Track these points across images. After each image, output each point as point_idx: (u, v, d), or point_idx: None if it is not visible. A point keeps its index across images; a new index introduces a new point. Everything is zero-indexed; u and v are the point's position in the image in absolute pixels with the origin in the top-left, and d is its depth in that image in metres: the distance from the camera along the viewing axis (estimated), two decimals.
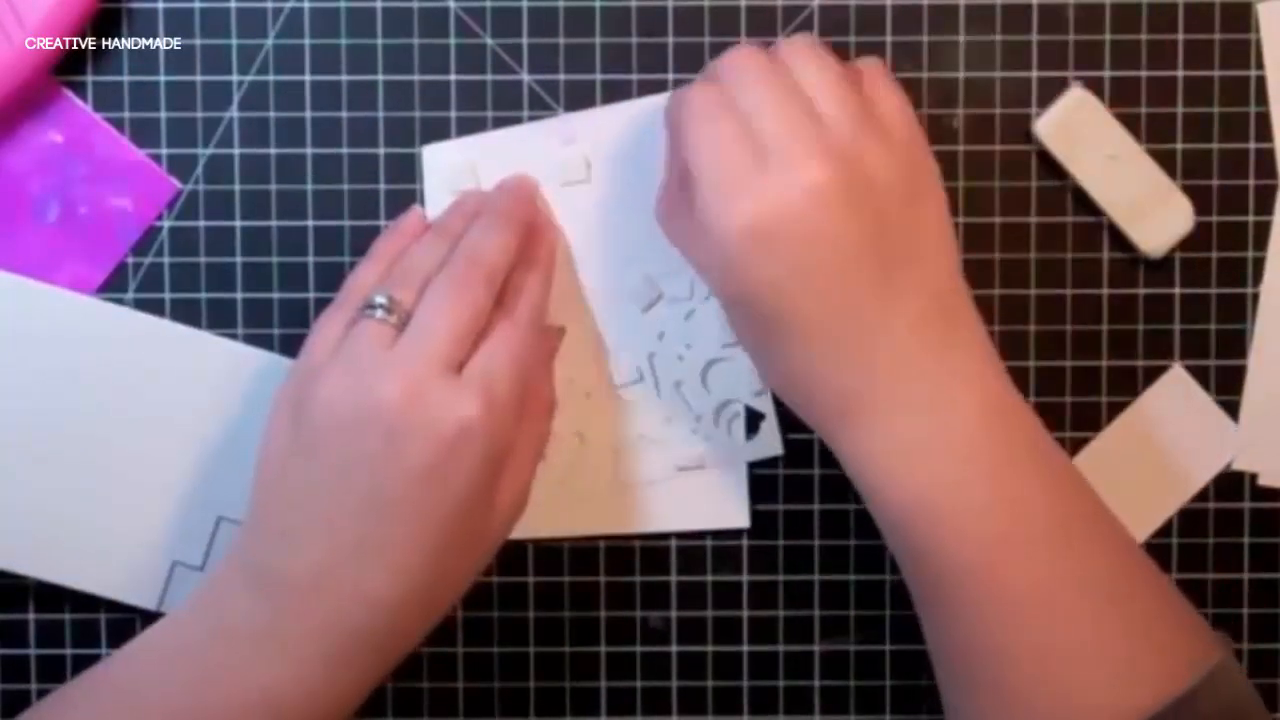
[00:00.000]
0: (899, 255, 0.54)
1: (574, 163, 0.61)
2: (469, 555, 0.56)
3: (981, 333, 0.56)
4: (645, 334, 0.61)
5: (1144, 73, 0.62)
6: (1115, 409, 0.62)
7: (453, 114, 0.61)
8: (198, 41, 0.61)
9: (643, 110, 0.61)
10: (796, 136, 0.53)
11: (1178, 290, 0.62)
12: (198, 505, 0.61)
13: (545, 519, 0.62)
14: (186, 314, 0.61)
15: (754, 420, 0.62)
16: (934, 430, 0.54)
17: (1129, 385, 0.62)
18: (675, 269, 0.60)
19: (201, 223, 0.62)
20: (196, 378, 0.61)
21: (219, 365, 0.61)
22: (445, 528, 0.54)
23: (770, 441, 0.62)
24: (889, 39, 0.61)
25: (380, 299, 0.55)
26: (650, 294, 0.61)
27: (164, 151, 0.61)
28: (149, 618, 0.60)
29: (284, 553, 0.54)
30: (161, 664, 0.55)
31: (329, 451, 0.54)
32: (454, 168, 0.61)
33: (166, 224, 0.62)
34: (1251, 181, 0.62)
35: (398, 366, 0.53)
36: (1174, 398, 0.62)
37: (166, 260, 0.62)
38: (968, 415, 0.54)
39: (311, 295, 0.62)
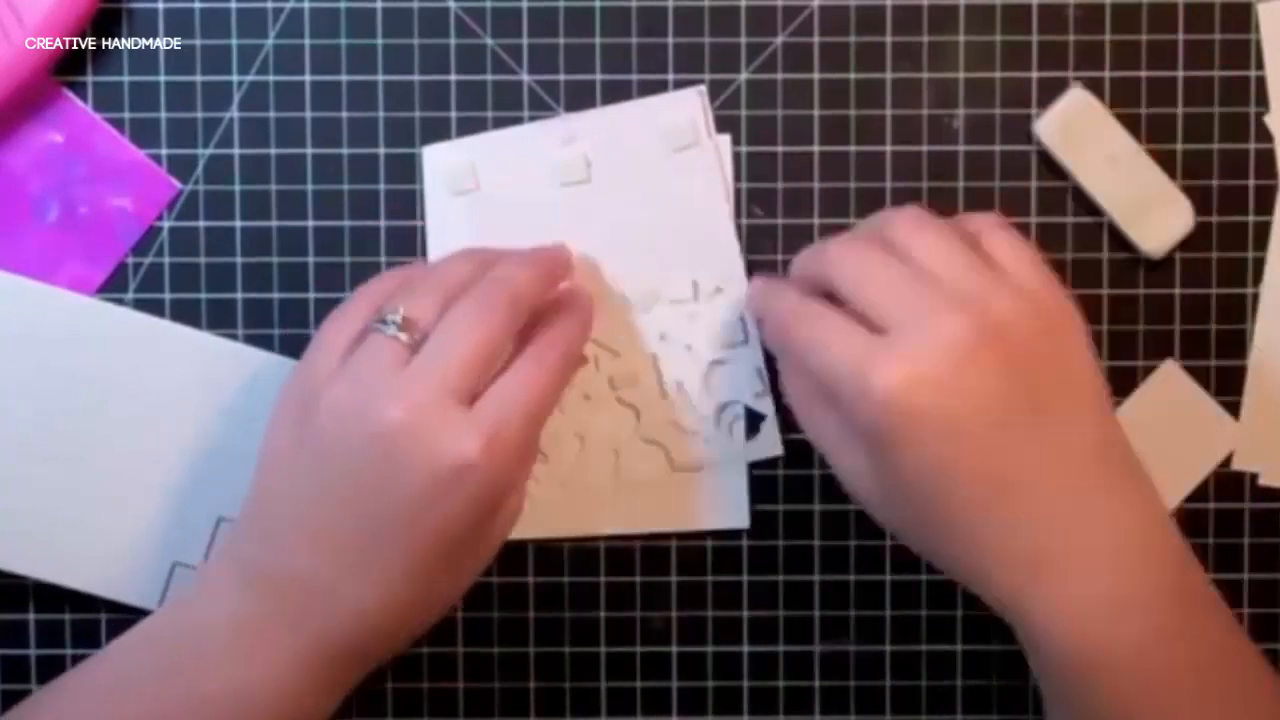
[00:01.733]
0: (1048, 400, 0.52)
1: (574, 163, 0.61)
2: (455, 578, 0.56)
3: (1142, 467, 0.54)
4: (646, 335, 0.61)
5: (1144, 73, 0.62)
6: (1116, 409, 0.62)
7: (453, 114, 0.61)
8: (198, 41, 0.61)
9: (642, 110, 0.61)
10: (920, 301, 0.51)
11: (1178, 290, 0.62)
12: (198, 505, 0.61)
13: (545, 519, 0.62)
14: (186, 314, 0.61)
15: (754, 421, 0.62)
16: (1134, 579, 0.51)
17: (1129, 385, 0.62)
18: (676, 270, 0.60)
19: (201, 223, 0.62)
20: (196, 378, 0.61)
21: (219, 365, 0.61)
22: (434, 553, 0.54)
23: (770, 442, 0.62)
24: (889, 39, 0.61)
25: (395, 315, 0.54)
26: (651, 295, 0.61)
27: (164, 151, 0.61)
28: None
29: (276, 554, 0.54)
30: (140, 658, 0.55)
31: (329, 462, 0.54)
32: (454, 168, 0.61)
33: (166, 224, 0.62)
34: (1251, 181, 0.62)
35: (405, 391, 0.53)
36: (1167, 393, 0.62)
37: (166, 260, 0.62)
38: (1159, 564, 0.52)
39: (311, 295, 0.62)
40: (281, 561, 0.54)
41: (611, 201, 0.61)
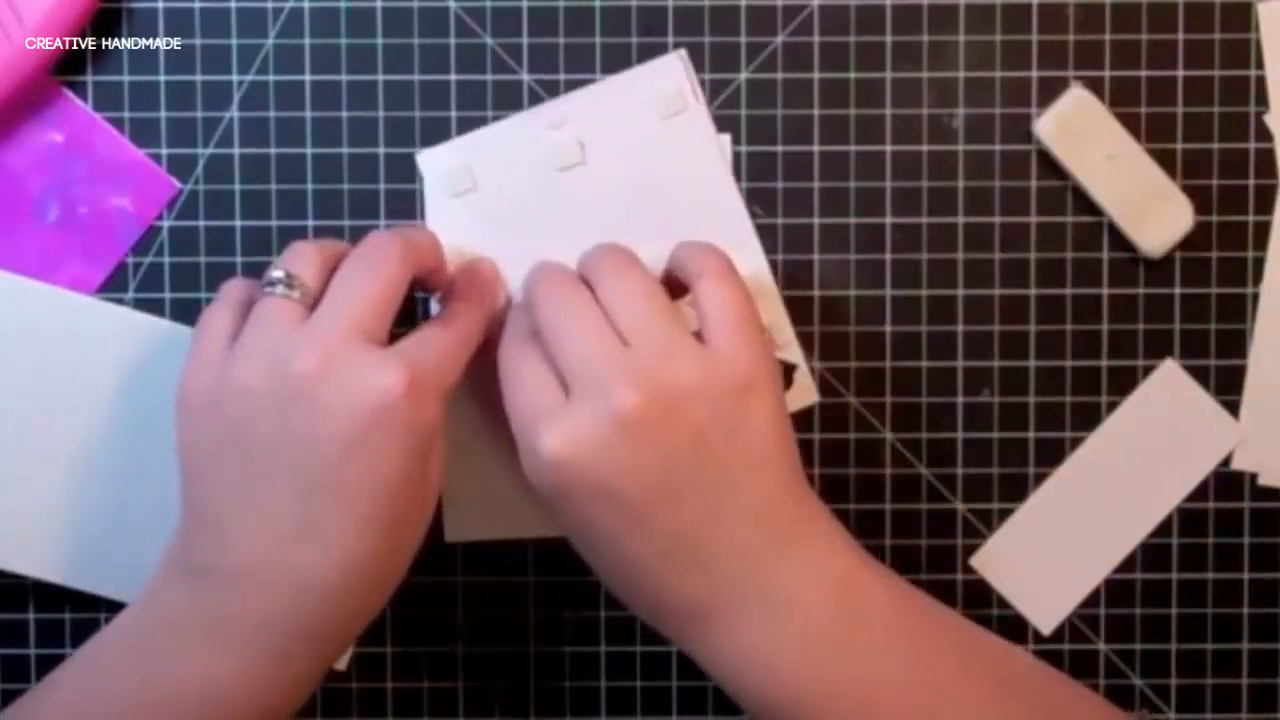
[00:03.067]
0: (717, 466, 0.52)
1: (567, 146, 0.61)
2: (403, 535, 0.55)
3: (824, 515, 0.54)
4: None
5: (1144, 73, 0.62)
6: (1115, 409, 0.62)
7: (453, 114, 0.61)
8: (198, 41, 0.61)
9: (629, 83, 0.61)
10: (602, 365, 0.52)
11: (1178, 290, 0.62)
12: None
13: (545, 519, 0.62)
14: (186, 314, 0.61)
15: (786, 372, 0.61)
16: (781, 633, 0.53)
17: (1129, 385, 0.62)
18: (683, 235, 0.60)
19: (201, 223, 0.62)
20: None
21: None
22: (378, 503, 0.53)
23: (806, 390, 0.61)
24: (889, 39, 0.61)
25: (277, 274, 0.54)
26: (654, 270, 0.61)
27: (164, 151, 0.61)
28: None
29: (217, 544, 0.53)
30: (110, 658, 0.54)
31: (254, 437, 0.53)
32: (450, 171, 0.61)
33: (166, 224, 0.62)
34: (1251, 181, 0.62)
35: (313, 338, 0.52)
36: (1167, 393, 0.62)
37: (166, 260, 0.62)
38: (811, 612, 0.53)
39: None
40: (225, 550, 0.53)
41: (610, 179, 0.61)
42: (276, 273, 0.54)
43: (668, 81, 0.61)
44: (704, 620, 0.53)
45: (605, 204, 0.61)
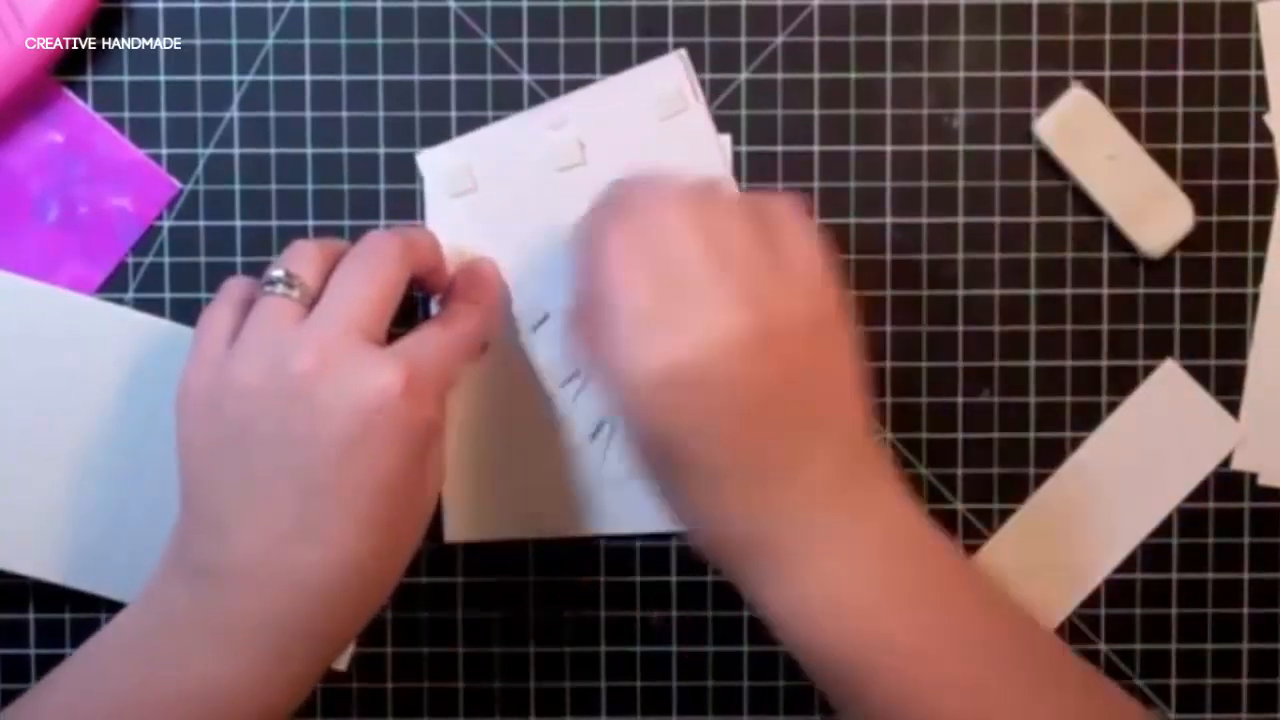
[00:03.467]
0: (808, 401, 0.53)
1: (567, 146, 0.61)
2: (402, 535, 0.55)
3: (889, 471, 0.55)
4: None
5: (1144, 73, 0.62)
6: (1115, 409, 0.62)
7: (453, 114, 0.61)
8: (198, 41, 0.61)
9: (628, 83, 0.61)
10: (714, 282, 0.52)
11: (1178, 290, 0.62)
12: None
13: (545, 519, 0.62)
14: (186, 314, 0.61)
15: None
16: (851, 577, 0.53)
17: (1129, 385, 0.62)
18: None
19: (201, 223, 0.62)
20: None
21: None
22: (377, 503, 0.53)
23: None
24: (889, 39, 0.61)
25: (277, 273, 0.54)
26: None
27: (164, 151, 0.61)
28: None
29: (217, 543, 0.53)
30: (109, 658, 0.54)
31: (253, 436, 0.53)
32: (450, 172, 0.61)
33: (166, 224, 0.62)
34: (1251, 181, 0.62)
35: (312, 337, 0.53)
36: (1167, 393, 0.62)
37: (166, 260, 0.62)
38: (885, 557, 0.53)
39: None
40: (224, 549, 0.53)
41: (610, 179, 0.60)
42: (276, 272, 0.54)
43: (668, 81, 0.61)
44: (772, 556, 0.53)
45: None
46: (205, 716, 0.53)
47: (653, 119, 0.61)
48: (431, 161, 0.61)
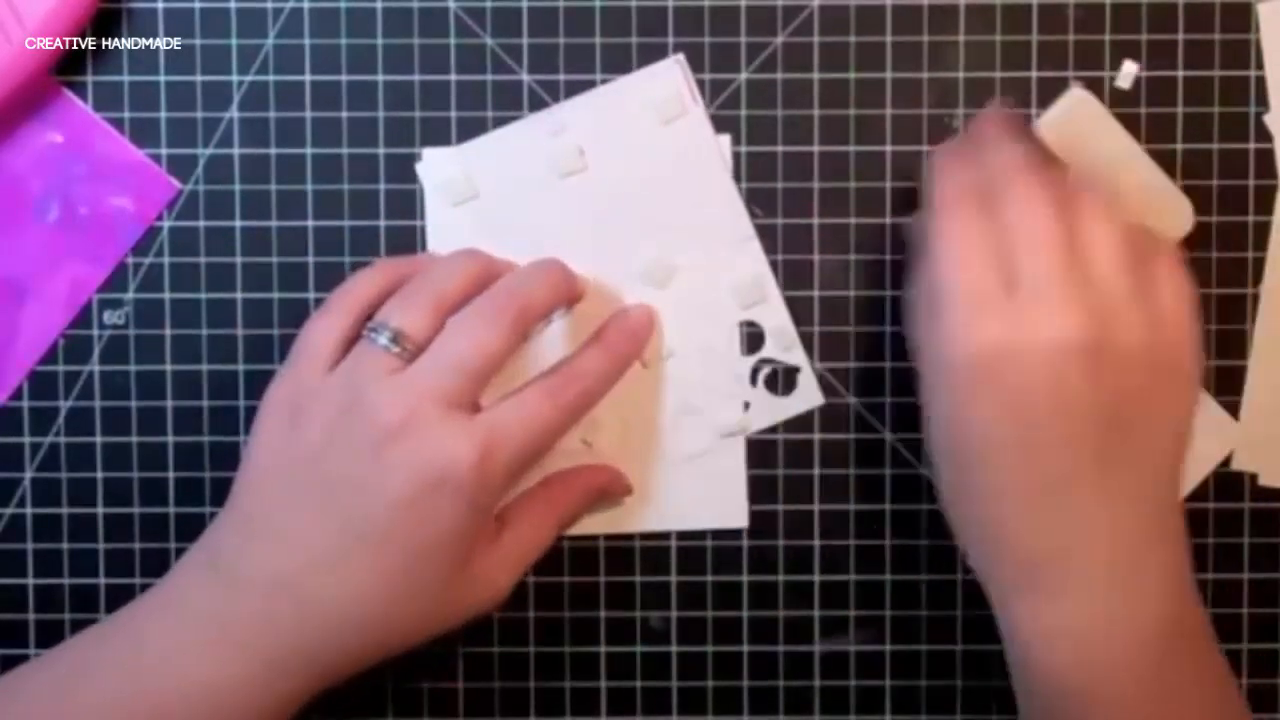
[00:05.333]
0: (1127, 437, 0.51)
1: (567, 153, 0.61)
2: (428, 607, 0.55)
3: (1185, 538, 0.53)
4: (667, 310, 0.61)
5: (1144, 73, 0.62)
6: None
7: (453, 114, 0.61)
8: (198, 41, 0.61)
9: (626, 88, 0.61)
10: (1061, 280, 0.50)
11: None
12: None
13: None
14: (186, 314, 0.62)
15: (790, 375, 0.62)
16: (1114, 620, 0.51)
17: None
18: (687, 239, 0.60)
19: (201, 223, 0.62)
20: None
21: None
22: (410, 566, 0.54)
23: (810, 394, 0.61)
24: (889, 39, 0.61)
25: (386, 328, 0.55)
26: (665, 270, 0.61)
27: (164, 151, 0.61)
28: None
29: (251, 552, 0.54)
30: (113, 644, 0.55)
31: (318, 463, 0.54)
32: (450, 180, 0.61)
33: (166, 224, 0.62)
34: (1251, 181, 0.62)
35: (402, 394, 0.53)
36: None
37: (166, 260, 0.62)
38: (1149, 615, 0.52)
39: (311, 295, 0.62)
40: (256, 559, 0.54)
41: (611, 185, 0.61)
42: (385, 328, 0.54)
43: (666, 86, 0.61)
44: (1039, 581, 0.51)
45: (607, 209, 0.61)
46: (190, 715, 0.53)
47: (653, 124, 0.61)
48: (431, 170, 0.61)
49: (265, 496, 0.55)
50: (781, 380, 0.62)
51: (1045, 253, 0.51)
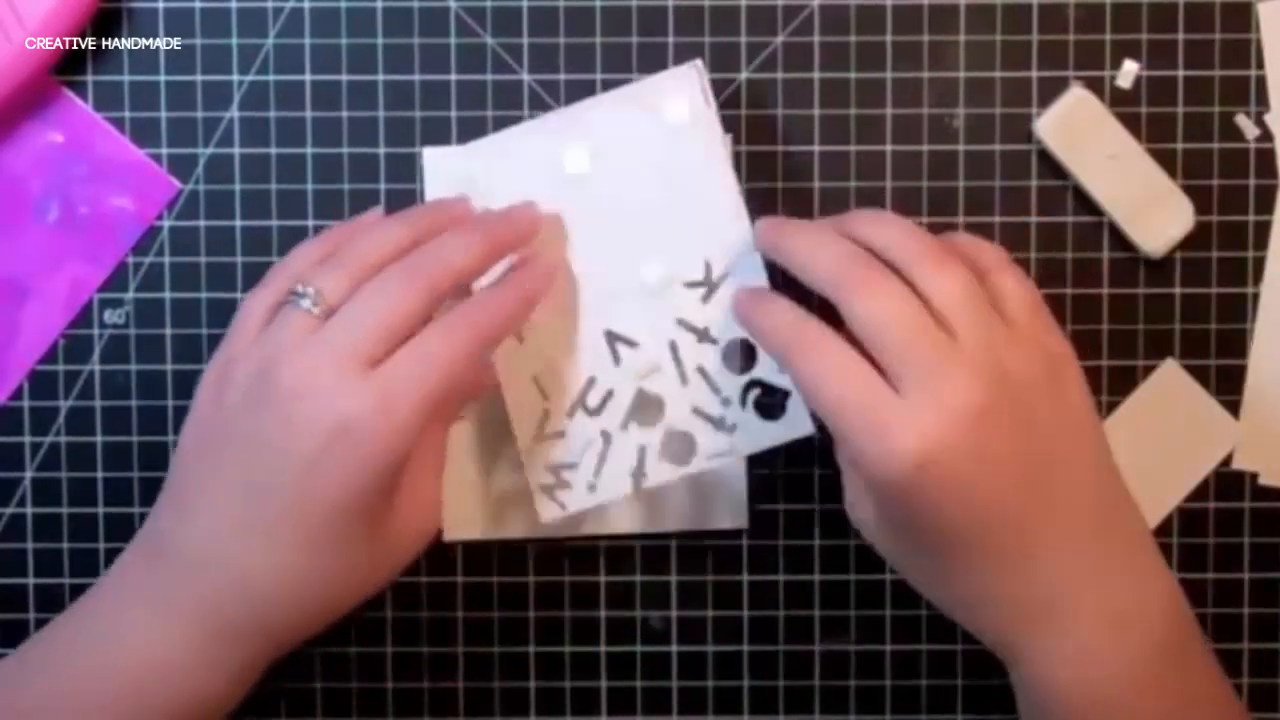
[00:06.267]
0: (1052, 451, 0.53)
1: (575, 156, 0.60)
2: (353, 562, 0.55)
3: (1139, 515, 0.55)
4: (663, 322, 0.60)
5: (1144, 73, 0.62)
6: (1116, 409, 0.62)
7: (453, 114, 0.61)
8: (198, 41, 0.61)
9: (639, 92, 0.60)
10: (938, 357, 0.51)
11: (1178, 290, 0.62)
12: None
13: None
14: (186, 314, 0.62)
15: (782, 399, 0.61)
16: (1125, 628, 0.53)
17: (1129, 385, 0.62)
18: (688, 251, 0.59)
19: (201, 223, 0.62)
20: None
21: None
22: (324, 525, 0.53)
23: (800, 420, 0.60)
24: (889, 39, 0.61)
25: (307, 288, 0.54)
26: (666, 280, 0.60)
27: (164, 151, 0.61)
28: None
29: (179, 524, 0.55)
30: (66, 632, 0.55)
31: (235, 428, 0.54)
32: (455, 179, 0.61)
33: (166, 224, 0.62)
34: (1251, 181, 0.62)
35: (305, 354, 0.53)
36: (1167, 393, 0.62)
37: (166, 260, 0.62)
38: (1153, 616, 0.54)
39: None
40: (183, 530, 0.54)
41: (618, 189, 0.60)
42: (308, 287, 0.54)
43: (680, 93, 0.60)
44: (1047, 620, 0.53)
45: (611, 213, 0.60)
46: (142, 694, 0.54)
47: (664, 129, 0.59)
48: (436, 162, 0.61)
49: (191, 472, 0.55)
50: (771, 404, 0.60)
51: (906, 334, 0.51)
